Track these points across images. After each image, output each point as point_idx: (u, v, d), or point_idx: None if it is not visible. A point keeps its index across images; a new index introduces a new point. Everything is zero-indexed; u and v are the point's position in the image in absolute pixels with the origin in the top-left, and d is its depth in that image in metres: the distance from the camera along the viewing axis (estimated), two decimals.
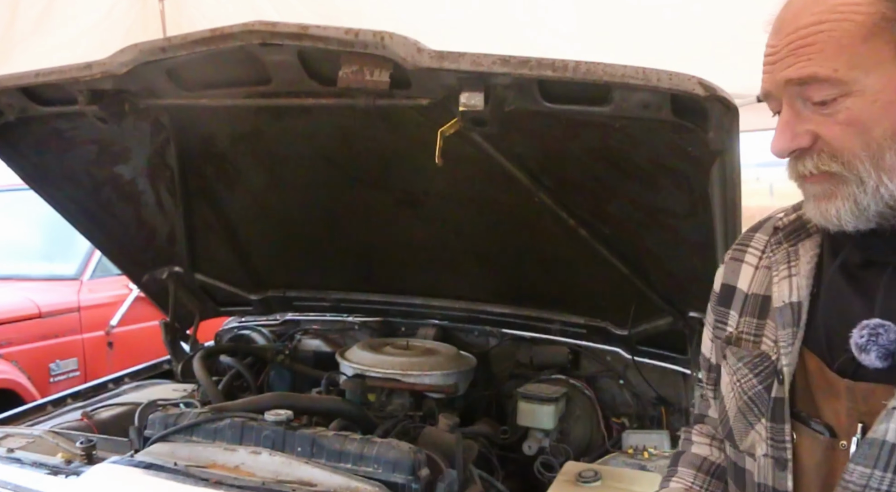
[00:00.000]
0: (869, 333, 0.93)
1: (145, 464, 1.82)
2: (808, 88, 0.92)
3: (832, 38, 0.91)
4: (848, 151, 0.92)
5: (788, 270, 1.09)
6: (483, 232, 2.43)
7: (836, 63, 0.90)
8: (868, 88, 0.90)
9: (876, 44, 0.90)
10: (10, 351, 4.17)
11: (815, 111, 0.93)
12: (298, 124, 2.14)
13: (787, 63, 0.93)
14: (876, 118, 0.91)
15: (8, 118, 2.16)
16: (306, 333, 3.04)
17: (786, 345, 1.05)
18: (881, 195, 0.92)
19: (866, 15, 0.90)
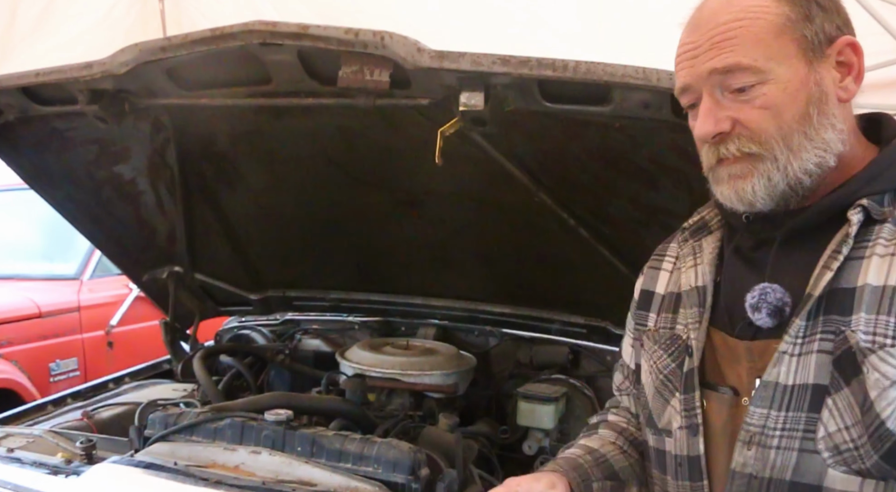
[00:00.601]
0: (759, 294, 1.07)
1: (145, 464, 1.82)
2: (730, 77, 1.05)
3: (750, 32, 1.04)
4: (764, 133, 1.05)
5: (694, 261, 1.25)
6: (483, 232, 2.43)
7: (754, 54, 1.03)
8: (780, 77, 1.03)
9: (784, 40, 1.04)
10: (10, 351, 4.18)
11: (734, 99, 1.06)
12: (298, 124, 2.14)
13: (710, 55, 1.05)
14: (787, 103, 1.04)
15: (8, 118, 2.16)
16: (306, 332, 3.04)
17: (693, 322, 1.19)
18: (788, 173, 1.05)
19: (775, 15, 1.04)
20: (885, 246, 1.01)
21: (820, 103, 1.05)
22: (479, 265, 2.61)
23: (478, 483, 1.93)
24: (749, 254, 1.16)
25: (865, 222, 1.03)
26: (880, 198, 1.04)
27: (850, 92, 1.08)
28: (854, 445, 0.98)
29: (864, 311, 0.99)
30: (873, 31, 3.43)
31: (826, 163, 1.06)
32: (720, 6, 1.07)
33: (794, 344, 1.04)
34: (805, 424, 1.02)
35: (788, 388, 1.04)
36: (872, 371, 0.97)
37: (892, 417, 0.95)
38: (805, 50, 1.04)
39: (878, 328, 0.98)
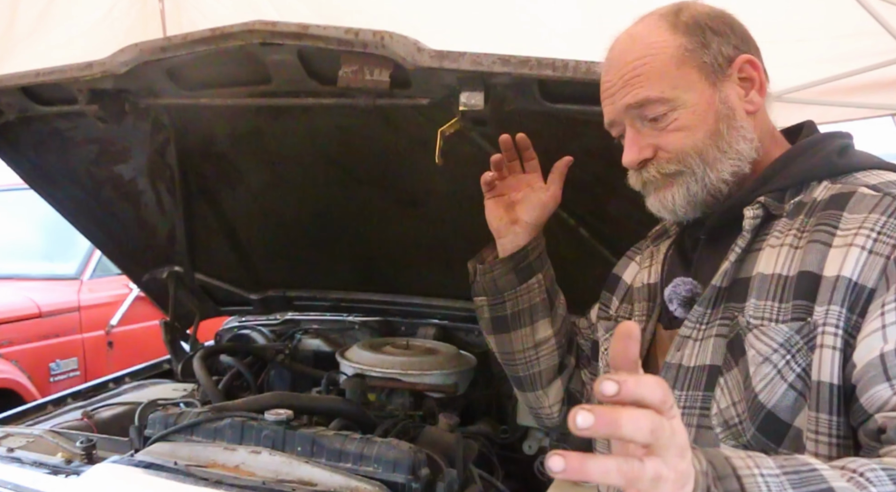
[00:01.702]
0: (672, 287, 1.21)
1: (145, 463, 1.82)
2: (644, 109, 1.16)
3: (653, 68, 1.15)
4: (682, 152, 1.16)
5: (650, 262, 1.39)
6: (483, 231, 2.41)
7: (660, 86, 1.14)
8: (688, 102, 1.14)
9: (685, 69, 1.14)
10: (10, 351, 4.18)
11: (653, 127, 1.17)
12: (298, 124, 2.14)
13: (623, 93, 1.17)
14: (698, 124, 1.14)
15: (8, 118, 2.16)
16: (306, 332, 3.04)
17: (640, 314, 1.33)
18: (707, 184, 1.16)
19: (674, 48, 1.15)
20: (777, 238, 1.11)
21: (728, 119, 1.15)
22: None
23: (478, 483, 1.93)
24: (687, 253, 1.29)
25: (767, 218, 1.14)
26: (780, 194, 1.15)
27: (756, 104, 1.18)
28: (739, 419, 1.07)
29: (754, 297, 1.09)
30: (873, 31, 3.43)
31: (741, 170, 1.17)
32: (626, 47, 1.18)
33: (696, 329, 1.15)
34: (702, 402, 1.12)
35: (689, 369, 1.15)
36: (749, 348, 1.06)
37: (764, 390, 1.04)
38: (707, 74, 1.15)
39: (765, 313, 1.07)
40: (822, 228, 1.06)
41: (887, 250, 1.00)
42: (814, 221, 1.08)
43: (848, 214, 1.05)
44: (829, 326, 1.00)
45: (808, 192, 1.13)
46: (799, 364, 1.02)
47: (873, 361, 0.96)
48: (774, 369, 1.03)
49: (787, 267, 1.07)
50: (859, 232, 1.02)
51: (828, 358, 1.00)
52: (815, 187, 1.13)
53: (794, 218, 1.11)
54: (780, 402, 1.02)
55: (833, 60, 3.82)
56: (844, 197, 1.08)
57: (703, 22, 1.17)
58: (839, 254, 1.02)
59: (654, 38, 1.16)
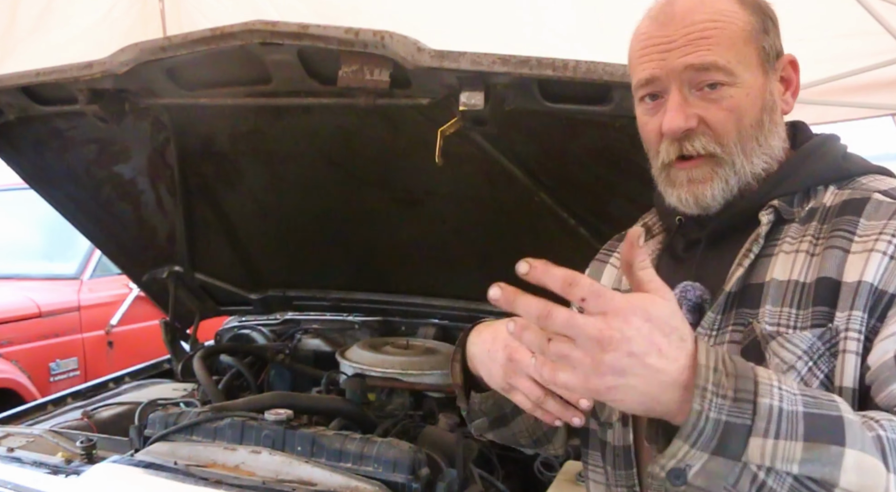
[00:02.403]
0: (679, 292, 1.12)
1: (145, 463, 1.82)
2: (703, 74, 1.07)
3: (725, 34, 1.07)
4: (727, 136, 1.08)
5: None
6: (483, 231, 2.43)
7: (728, 55, 1.06)
8: (745, 82, 1.08)
9: (750, 48, 1.08)
10: (10, 350, 4.18)
11: (702, 97, 1.08)
12: (299, 124, 2.14)
13: (685, 51, 1.07)
14: (748, 108, 1.08)
15: (8, 117, 2.16)
16: (306, 332, 3.04)
17: None
18: (741, 178, 1.10)
19: (745, 22, 1.09)
20: (790, 243, 1.08)
21: (771, 112, 1.11)
22: (479, 265, 2.60)
23: (478, 483, 1.93)
24: (680, 254, 1.22)
25: (778, 222, 1.10)
26: (790, 199, 1.11)
27: (790, 106, 1.14)
28: None
29: (769, 303, 1.06)
30: (873, 30, 3.43)
31: (771, 168, 1.12)
32: (694, 5, 1.10)
33: (708, 335, 1.10)
34: None
35: None
36: (773, 356, 1.02)
37: None
38: (763, 60, 1.10)
39: (781, 319, 1.04)
40: (840, 233, 1.04)
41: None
42: (829, 226, 1.06)
43: (866, 220, 1.03)
44: (852, 331, 0.99)
45: (817, 197, 1.11)
46: (822, 370, 1.00)
47: (888, 361, 0.95)
48: (798, 377, 1.00)
49: (805, 274, 1.05)
50: (880, 238, 1.01)
51: (851, 364, 0.99)
52: (823, 192, 1.11)
53: (807, 224, 1.09)
54: None
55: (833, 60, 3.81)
56: (860, 203, 1.06)
57: (764, 7, 1.13)
58: (860, 259, 1.01)
59: (725, 5, 1.09)
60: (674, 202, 1.15)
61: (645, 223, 1.33)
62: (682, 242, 1.22)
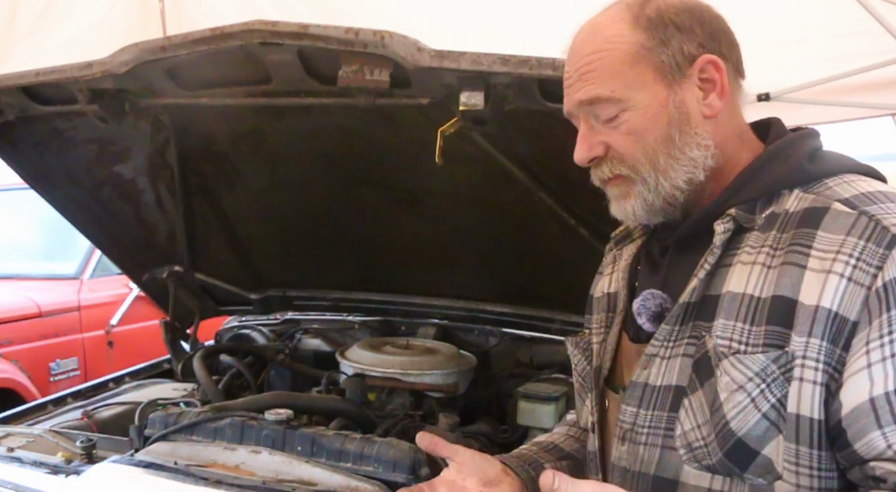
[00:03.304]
0: (641, 300, 1.15)
1: (145, 463, 1.82)
2: (595, 107, 1.10)
3: (607, 64, 1.08)
4: (631, 157, 1.10)
5: (612, 268, 1.33)
6: (483, 231, 2.43)
7: (612, 85, 1.08)
8: (639, 103, 1.08)
9: (640, 68, 1.08)
10: (10, 350, 4.18)
11: (605, 125, 1.11)
12: (298, 124, 2.14)
13: (577, 87, 1.12)
14: (648, 127, 1.08)
15: (8, 117, 2.16)
16: (306, 332, 3.04)
17: (597, 327, 1.28)
18: (660, 192, 1.10)
19: (629, 44, 1.08)
20: (749, 253, 1.06)
21: (681, 124, 1.09)
22: (479, 265, 2.61)
23: None
24: (656, 259, 1.23)
25: (738, 230, 1.08)
26: (751, 205, 1.08)
27: (715, 108, 1.10)
28: (704, 442, 1.04)
29: (722, 317, 1.05)
30: (873, 30, 3.43)
31: (696, 178, 1.10)
32: (585, 37, 1.13)
33: (663, 347, 1.11)
34: (666, 422, 1.09)
35: (656, 388, 1.11)
36: (723, 375, 1.02)
37: (737, 418, 1.01)
38: (663, 74, 1.08)
39: (734, 334, 1.03)
40: (796, 248, 1.01)
41: (868, 280, 0.95)
42: (787, 237, 1.03)
43: (822, 232, 1.00)
44: (810, 359, 0.97)
45: (780, 202, 1.07)
46: (774, 394, 0.99)
47: (863, 405, 0.94)
48: (748, 398, 1.00)
49: (760, 288, 1.02)
50: (837, 258, 0.97)
51: (808, 392, 0.97)
52: (787, 197, 1.07)
53: (767, 232, 1.06)
54: (751, 431, 1.00)
55: (833, 60, 3.82)
56: (818, 213, 1.02)
57: (668, 16, 1.09)
58: (817, 280, 0.97)
59: (613, 31, 1.09)
60: (615, 215, 1.19)
61: (626, 227, 1.35)
62: (657, 247, 1.23)
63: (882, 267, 0.95)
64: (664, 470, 1.08)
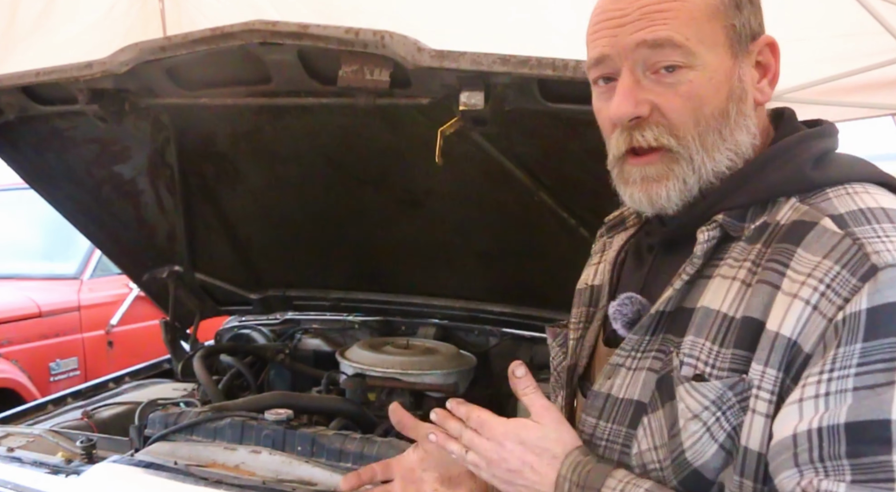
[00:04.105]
0: (618, 304, 1.05)
1: (145, 463, 1.82)
2: (658, 53, 0.94)
3: (685, 8, 0.94)
4: (683, 126, 0.95)
5: (600, 258, 1.22)
6: (483, 231, 2.43)
7: (688, 32, 0.93)
8: (708, 65, 0.94)
9: (715, 25, 0.95)
10: (10, 350, 4.18)
11: (657, 81, 0.95)
12: (298, 123, 2.14)
13: (639, 26, 0.94)
14: (709, 96, 0.95)
15: (8, 117, 2.16)
16: (306, 332, 3.04)
17: (575, 322, 1.20)
18: (702, 176, 0.97)
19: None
20: (730, 267, 0.96)
21: (740, 102, 0.97)
22: (479, 265, 2.61)
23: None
24: (643, 255, 1.12)
25: (725, 238, 0.98)
26: (742, 212, 0.97)
27: (766, 95, 1.00)
28: (660, 465, 0.97)
29: (693, 333, 0.96)
30: (873, 30, 3.43)
31: (736, 166, 0.98)
32: None
33: (630, 357, 1.03)
34: (624, 438, 1.02)
35: (618, 400, 1.03)
36: (680, 400, 0.94)
37: (693, 448, 0.93)
38: (732, 41, 0.96)
39: (702, 354, 0.94)
40: (773, 265, 0.91)
41: (831, 312, 0.85)
42: (770, 252, 0.93)
43: (802, 251, 0.89)
44: (764, 391, 0.89)
45: (775, 211, 0.96)
46: (730, 423, 0.92)
47: (785, 440, 0.86)
48: (704, 428, 0.92)
49: (735, 308, 0.93)
50: (807, 282, 0.87)
51: (759, 426, 0.90)
52: (783, 205, 0.95)
53: (753, 244, 0.95)
54: (708, 462, 0.93)
55: (833, 60, 3.82)
56: (804, 228, 0.91)
57: None
58: (783, 304, 0.88)
59: None
60: (626, 201, 1.05)
61: (622, 213, 1.24)
62: (646, 242, 1.12)
63: (849, 300, 0.84)
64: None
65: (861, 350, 0.83)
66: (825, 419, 0.83)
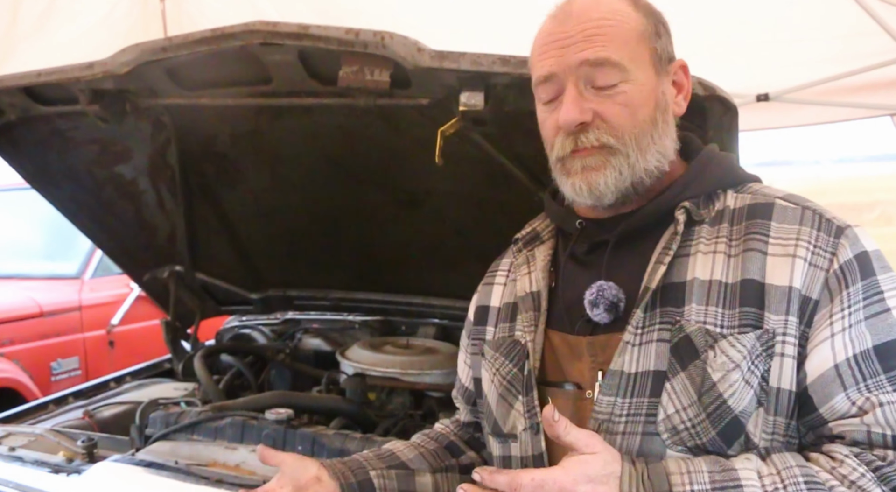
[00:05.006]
0: (597, 291, 1.16)
1: (146, 462, 1.83)
2: (598, 70, 1.11)
3: (619, 31, 1.12)
4: (621, 128, 1.12)
5: (528, 269, 1.32)
6: (483, 231, 2.43)
7: (622, 52, 1.11)
8: (638, 80, 1.12)
9: (642, 47, 1.13)
10: (11, 350, 4.18)
11: (597, 94, 1.12)
12: (299, 124, 2.14)
13: (582, 47, 1.11)
14: (641, 105, 1.13)
15: (9, 118, 2.17)
16: (307, 332, 3.05)
17: (529, 325, 1.26)
18: (635, 171, 1.13)
19: (636, 21, 1.14)
20: (706, 244, 1.13)
21: (664, 112, 1.16)
22: (480, 264, 2.59)
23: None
24: (584, 258, 1.25)
25: (688, 223, 1.15)
26: (697, 201, 1.16)
27: (681, 108, 1.20)
28: (691, 423, 1.07)
29: (694, 302, 1.10)
30: (872, 31, 3.43)
31: (662, 167, 1.16)
32: (591, 4, 1.15)
33: (636, 334, 1.13)
34: (647, 408, 1.10)
35: (632, 375, 1.12)
36: (720, 355, 1.06)
37: (734, 396, 1.05)
38: (655, 61, 1.15)
39: (708, 318, 1.09)
40: (755, 236, 1.10)
41: (825, 264, 1.06)
42: (740, 228, 1.12)
43: (776, 223, 1.10)
44: (789, 336, 1.06)
45: (720, 200, 1.17)
46: (759, 370, 1.06)
47: (828, 372, 1.04)
48: (741, 376, 1.06)
49: (727, 274, 1.10)
50: (799, 244, 1.08)
51: (788, 366, 1.06)
52: (724, 196, 1.17)
53: (717, 225, 1.14)
54: (746, 407, 1.06)
55: (832, 60, 3.82)
56: (766, 208, 1.13)
57: (656, 13, 1.18)
58: (783, 263, 1.07)
59: (619, 6, 1.14)
60: (568, 192, 1.19)
61: (534, 228, 1.38)
62: (584, 246, 1.25)
63: (836, 253, 1.07)
64: (646, 456, 1.09)
65: (862, 288, 1.05)
66: (856, 347, 1.04)
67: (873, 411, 1.02)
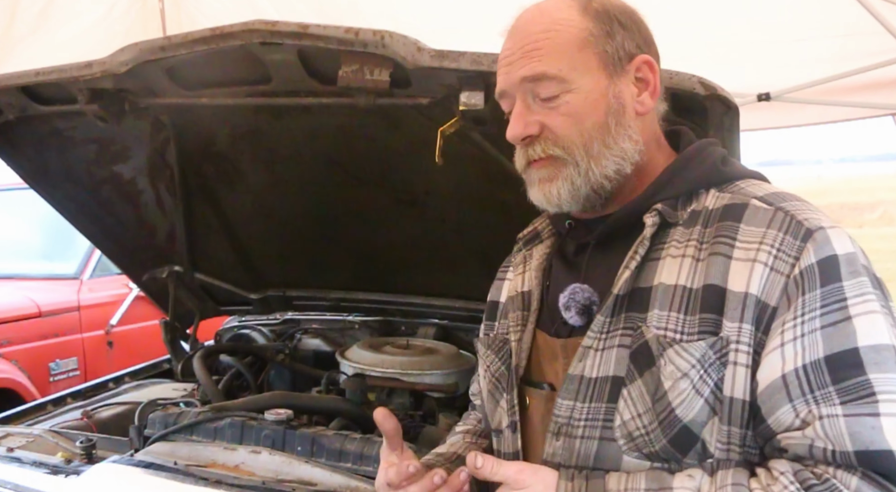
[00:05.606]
0: (569, 294, 1.17)
1: (145, 463, 1.82)
2: (538, 85, 1.12)
3: (556, 44, 1.12)
4: (567, 138, 1.13)
5: (523, 268, 1.34)
6: (483, 231, 2.42)
7: (559, 64, 1.11)
8: (582, 87, 1.11)
9: (586, 53, 1.12)
10: (9, 350, 4.18)
11: (543, 106, 1.13)
12: (298, 123, 2.14)
13: (521, 64, 1.13)
14: (587, 112, 1.12)
15: (8, 117, 2.16)
16: (306, 332, 3.04)
17: (514, 324, 1.27)
18: (590, 178, 1.13)
19: (579, 29, 1.12)
20: (676, 247, 1.11)
21: (618, 115, 1.13)
22: (480, 264, 2.60)
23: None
24: (570, 258, 1.26)
25: (663, 225, 1.13)
26: (674, 202, 1.14)
27: (647, 107, 1.16)
28: (645, 430, 1.07)
29: (657, 308, 1.09)
30: (873, 30, 3.43)
31: (623, 170, 1.14)
32: (532, 17, 1.15)
33: (598, 339, 1.13)
34: (605, 414, 1.10)
35: (592, 380, 1.12)
36: (669, 363, 1.05)
37: (682, 405, 1.04)
38: (606, 64, 1.13)
39: (669, 324, 1.07)
40: (722, 239, 1.07)
41: (787, 269, 1.02)
42: (712, 231, 1.09)
43: (745, 225, 1.07)
44: (742, 344, 1.03)
45: (699, 200, 1.14)
46: (712, 379, 1.04)
47: (775, 382, 1.01)
48: (691, 385, 1.04)
49: (692, 279, 1.08)
50: (761, 248, 1.04)
51: (741, 375, 1.03)
52: (704, 195, 1.14)
53: (691, 227, 1.12)
54: (696, 416, 1.04)
55: (833, 60, 3.82)
56: (739, 208, 1.09)
57: (612, 12, 1.15)
58: (744, 268, 1.04)
59: (562, 14, 1.13)
60: (534, 200, 1.21)
61: (535, 228, 1.38)
62: (572, 246, 1.26)
63: (799, 257, 1.02)
64: (603, 462, 1.09)
65: (821, 294, 1.00)
66: (806, 357, 0.99)
67: (814, 424, 0.98)
